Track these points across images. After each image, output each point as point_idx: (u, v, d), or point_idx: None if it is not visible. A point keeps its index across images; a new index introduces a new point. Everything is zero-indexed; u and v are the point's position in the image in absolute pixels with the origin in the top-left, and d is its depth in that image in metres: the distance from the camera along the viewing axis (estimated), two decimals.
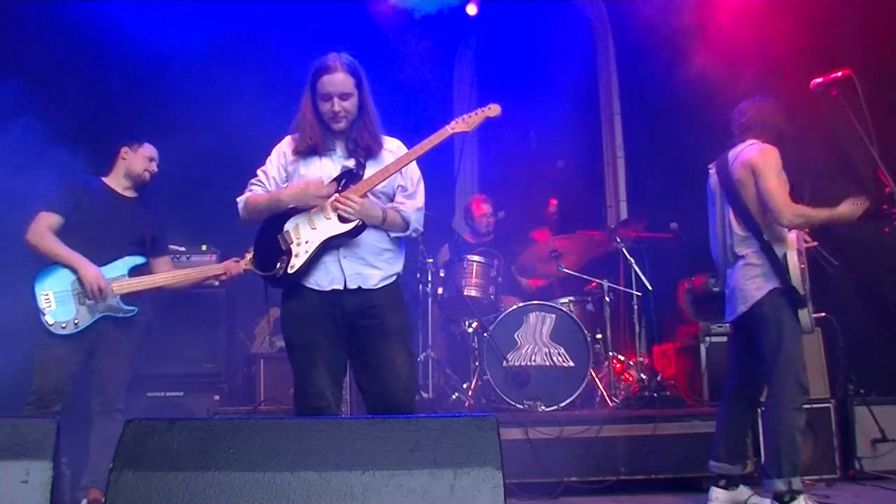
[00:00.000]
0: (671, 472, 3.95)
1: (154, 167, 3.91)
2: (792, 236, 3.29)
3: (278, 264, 2.76)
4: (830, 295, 4.88)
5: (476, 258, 4.89)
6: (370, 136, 2.82)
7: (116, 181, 3.85)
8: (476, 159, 7.00)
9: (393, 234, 2.84)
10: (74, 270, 3.53)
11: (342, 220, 2.73)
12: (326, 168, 2.82)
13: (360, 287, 2.75)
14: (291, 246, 2.77)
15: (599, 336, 4.79)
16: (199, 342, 4.49)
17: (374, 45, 5.62)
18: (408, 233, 2.86)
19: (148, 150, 3.91)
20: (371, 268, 2.78)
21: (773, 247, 3.25)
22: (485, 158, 6.98)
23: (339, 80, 2.75)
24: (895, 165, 2.95)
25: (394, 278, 2.86)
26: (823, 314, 4.28)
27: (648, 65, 5.80)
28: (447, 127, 2.82)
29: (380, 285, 2.78)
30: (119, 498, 1.71)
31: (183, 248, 4.68)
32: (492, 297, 4.86)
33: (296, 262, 2.74)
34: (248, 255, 3.64)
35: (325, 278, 2.75)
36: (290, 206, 2.78)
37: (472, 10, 6.32)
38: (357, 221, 2.72)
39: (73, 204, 3.67)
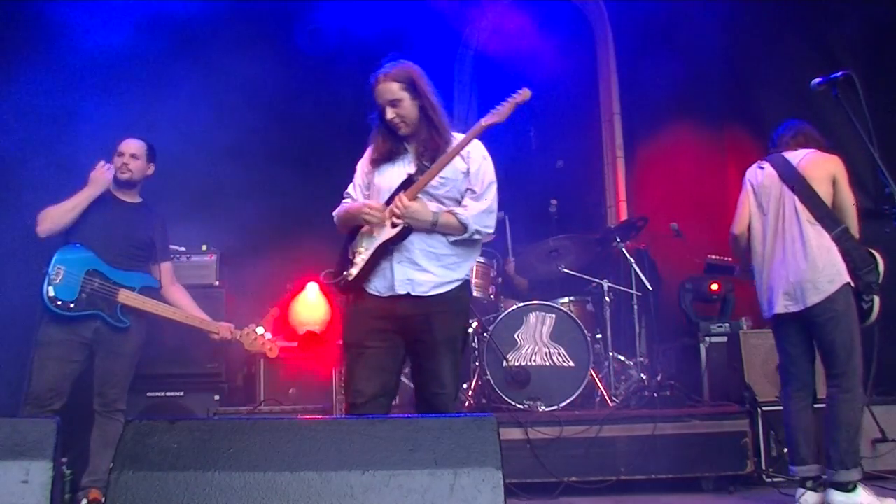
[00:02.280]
0: (671, 472, 3.95)
1: (123, 160, 3.79)
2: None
3: (343, 272, 2.85)
4: None
5: (476, 258, 4.89)
6: (438, 136, 2.84)
7: (114, 188, 3.84)
8: None
9: (452, 239, 2.82)
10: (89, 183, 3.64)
11: (393, 224, 2.78)
12: (397, 175, 2.87)
13: (408, 293, 2.77)
14: (356, 254, 2.86)
15: (599, 336, 4.79)
16: (199, 342, 4.48)
17: (374, 45, 5.63)
18: (466, 236, 2.81)
19: (120, 145, 3.83)
20: (424, 272, 2.78)
21: (851, 238, 3.41)
22: None
23: (383, 89, 2.83)
24: (895, 165, 2.94)
25: (453, 285, 2.83)
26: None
27: (648, 65, 5.80)
28: (480, 121, 2.86)
29: (432, 292, 2.78)
30: (119, 498, 1.70)
31: (183, 248, 4.68)
32: (492, 297, 4.86)
33: (353, 270, 2.82)
34: (247, 329, 3.80)
35: (384, 284, 2.81)
36: (355, 219, 2.88)
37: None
38: (402, 224, 2.75)
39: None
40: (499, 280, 4.94)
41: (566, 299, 4.85)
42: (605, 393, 4.48)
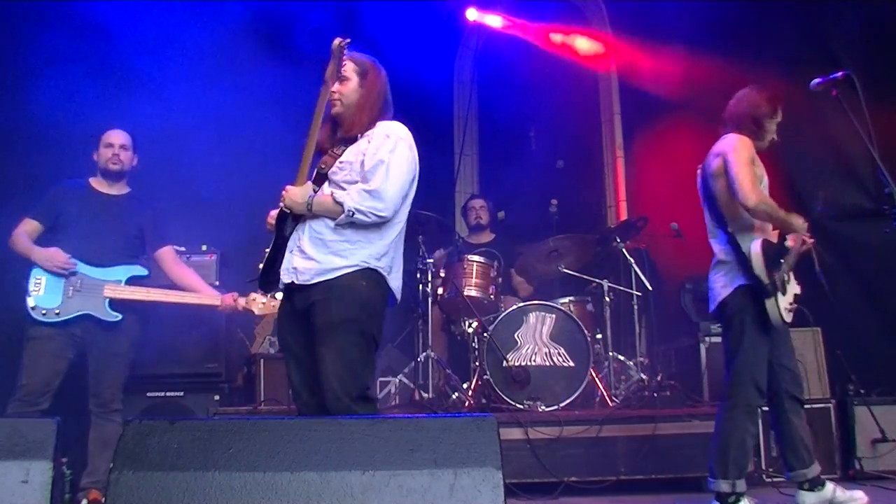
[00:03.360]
0: (671, 472, 3.94)
1: (114, 151, 3.74)
2: (758, 224, 3.21)
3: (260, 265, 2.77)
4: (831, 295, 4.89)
5: (476, 258, 4.89)
6: (356, 121, 2.74)
7: (98, 181, 3.81)
8: (476, 159, 7.01)
9: (334, 223, 2.64)
10: (35, 262, 3.55)
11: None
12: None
13: (292, 282, 2.65)
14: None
15: (599, 336, 4.79)
16: (199, 342, 4.48)
17: (374, 45, 5.63)
18: (343, 217, 2.60)
19: (106, 136, 3.77)
20: (308, 260, 2.64)
21: (738, 239, 3.18)
22: (485, 158, 6.98)
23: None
24: (895, 165, 2.94)
25: (342, 272, 2.61)
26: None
27: (648, 65, 5.80)
28: None
29: (314, 280, 2.61)
30: (119, 498, 1.71)
31: (183, 248, 4.67)
32: (492, 297, 4.86)
33: (260, 265, 2.76)
34: (250, 296, 3.65)
35: (285, 274, 2.72)
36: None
37: (471, 15, 6.32)
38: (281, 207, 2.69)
39: (55, 212, 3.68)
40: (499, 280, 4.94)
41: (566, 299, 4.84)
42: (605, 393, 4.48)
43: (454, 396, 4.57)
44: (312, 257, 2.63)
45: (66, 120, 4.51)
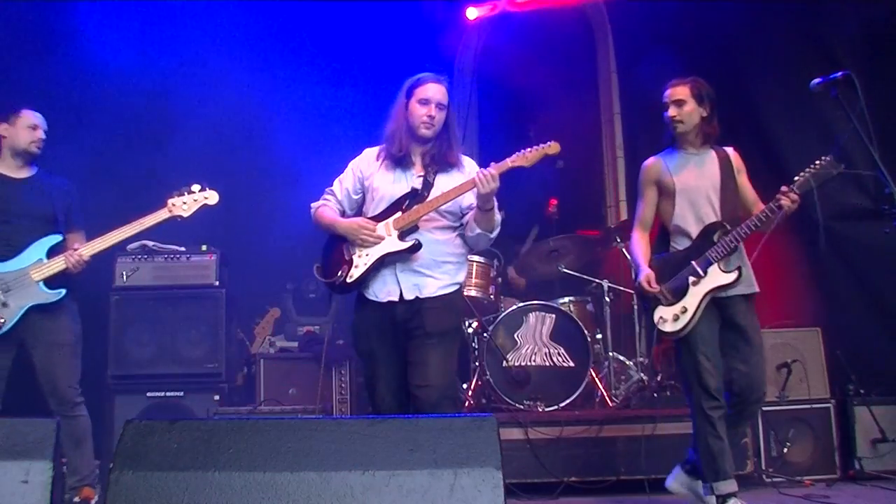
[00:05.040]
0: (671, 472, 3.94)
1: (39, 135, 3.49)
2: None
3: (339, 272, 2.93)
4: (831, 295, 4.89)
5: (476, 258, 4.88)
6: (449, 152, 3.01)
7: (6, 164, 3.50)
8: (476, 159, 6.98)
9: (478, 231, 2.93)
10: None
11: (401, 238, 2.90)
12: (399, 184, 2.98)
13: (416, 297, 2.90)
14: (354, 257, 2.94)
15: (599, 336, 4.78)
16: (199, 342, 4.49)
17: (374, 45, 5.63)
18: (493, 235, 2.98)
19: (27, 117, 3.48)
20: (428, 278, 2.92)
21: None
22: (485, 158, 6.96)
23: (440, 90, 2.98)
24: (895, 165, 2.94)
25: (453, 288, 2.99)
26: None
27: (648, 65, 5.79)
28: (507, 160, 2.94)
29: (437, 293, 2.92)
30: (119, 498, 1.70)
31: (183, 248, 4.68)
32: (491, 297, 4.85)
33: (354, 273, 2.92)
34: (171, 202, 3.42)
35: (382, 289, 2.92)
36: (341, 234, 2.98)
37: (472, 14, 6.32)
38: (413, 241, 2.88)
39: None
40: (499, 280, 4.94)
41: (566, 299, 4.84)
42: (605, 393, 4.47)
43: None
44: (432, 276, 2.93)
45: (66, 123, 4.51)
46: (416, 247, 2.88)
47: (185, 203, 3.44)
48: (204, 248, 4.71)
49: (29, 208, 3.46)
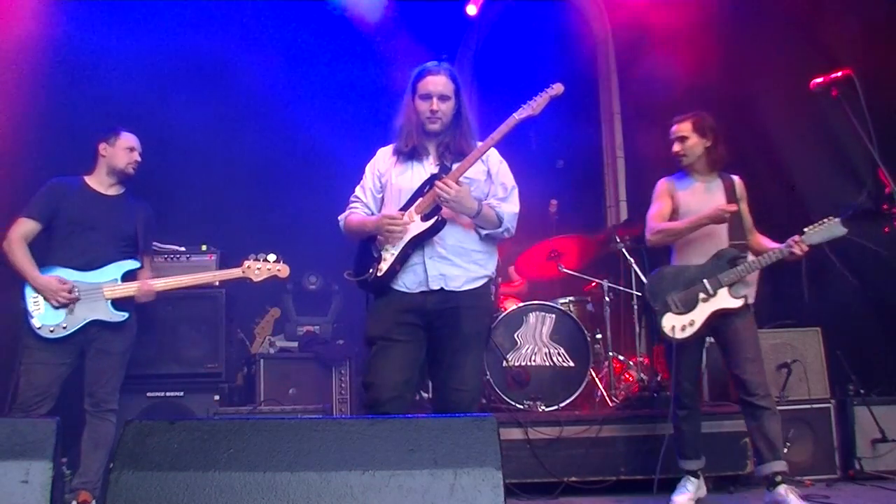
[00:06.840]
0: (671, 472, 3.94)
1: (136, 157, 3.73)
2: (679, 246, 3.65)
3: (370, 269, 2.88)
4: (831, 295, 4.89)
5: None
6: (463, 142, 2.91)
7: (99, 180, 3.72)
8: None
9: (485, 232, 2.89)
10: (30, 285, 3.45)
11: (424, 218, 2.82)
12: (417, 176, 2.92)
13: (442, 288, 2.82)
14: (382, 252, 2.89)
15: (599, 336, 4.79)
16: (199, 342, 4.48)
17: (374, 45, 5.63)
18: (500, 231, 2.90)
19: (126, 139, 3.72)
20: (456, 267, 2.85)
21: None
22: None
23: (440, 81, 2.89)
24: (895, 165, 2.94)
25: (482, 281, 2.92)
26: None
27: (648, 65, 5.79)
28: (513, 115, 2.86)
29: (464, 287, 2.85)
30: (119, 498, 1.70)
31: (183, 248, 4.67)
32: (492, 297, 4.85)
33: (383, 266, 2.86)
34: (246, 263, 3.70)
35: (414, 281, 2.86)
36: (373, 233, 2.91)
37: (471, 10, 6.32)
38: (436, 217, 2.80)
39: (52, 210, 3.59)
40: (498, 280, 4.94)
41: (566, 299, 4.85)
42: (605, 393, 4.47)
43: None
44: (460, 265, 2.86)
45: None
46: (440, 223, 2.79)
47: (258, 269, 3.71)
48: (204, 248, 4.71)
49: (112, 225, 3.66)
